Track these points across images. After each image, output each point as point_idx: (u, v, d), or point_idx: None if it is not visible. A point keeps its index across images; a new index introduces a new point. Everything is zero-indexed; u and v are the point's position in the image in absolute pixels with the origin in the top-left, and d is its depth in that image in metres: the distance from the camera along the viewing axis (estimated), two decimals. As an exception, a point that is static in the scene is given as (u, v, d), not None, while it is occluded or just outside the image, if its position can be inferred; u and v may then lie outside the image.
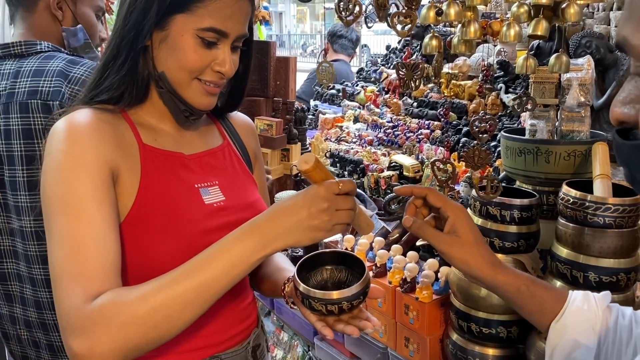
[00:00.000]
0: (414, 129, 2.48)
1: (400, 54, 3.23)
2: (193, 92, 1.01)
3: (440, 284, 1.44)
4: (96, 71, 1.02)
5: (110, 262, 0.87)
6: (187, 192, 1.02)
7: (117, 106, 1.00)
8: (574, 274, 1.15)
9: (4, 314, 1.53)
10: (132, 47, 0.96)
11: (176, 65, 0.97)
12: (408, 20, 0.90)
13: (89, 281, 0.84)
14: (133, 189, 0.96)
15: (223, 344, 1.07)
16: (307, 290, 0.97)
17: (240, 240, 0.88)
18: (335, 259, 1.09)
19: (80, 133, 0.92)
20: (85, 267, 0.84)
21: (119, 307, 0.82)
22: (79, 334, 0.81)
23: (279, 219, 0.89)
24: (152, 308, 0.82)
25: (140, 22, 0.95)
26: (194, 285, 0.84)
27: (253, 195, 1.14)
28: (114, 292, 0.84)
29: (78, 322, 0.81)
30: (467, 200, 1.60)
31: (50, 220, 0.89)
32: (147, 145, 1.01)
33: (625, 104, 0.57)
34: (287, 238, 0.88)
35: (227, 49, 0.99)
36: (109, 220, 0.89)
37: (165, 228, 0.96)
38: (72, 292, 0.83)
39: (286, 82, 2.53)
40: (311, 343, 1.99)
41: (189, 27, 0.95)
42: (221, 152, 1.13)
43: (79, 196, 0.88)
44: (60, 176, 0.89)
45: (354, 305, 0.97)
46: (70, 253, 0.85)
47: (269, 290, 1.21)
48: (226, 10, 0.96)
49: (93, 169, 0.90)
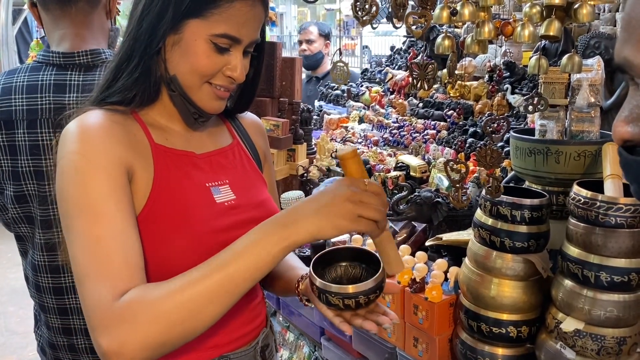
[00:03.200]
0: (420, 130, 2.48)
1: (405, 54, 3.23)
2: (203, 95, 1.01)
3: (450, 284, 1.44)
4: (108, 72, 1.02)
5: (133, 259, 0.87)
6: (198, 191, 1.02)
7: (127, 107, 1.00)
8: (585, 273, 1.15)
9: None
10: (145, 50, 0.97)
11: (188, 69, 0.98)
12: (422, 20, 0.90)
13: (114, 279, 0.84)
14: (147, 187, 0.96)
15: (232, 344, 1.07)
16: (324, 284, 0.97)
17: (264, 233, 0.87)
18: (350, 255, 1.09)
19: (93, 134, 0.92)
20: (109, 266, 0.85)
21: (147, 304, 0.82)
22: (108, 331, 0.81)
23: (301, 206, 0.89)
24: (180, 303, 0.82)
25: (155, 25, 0.95)
26: (220, 280, 0.84)
27: (263, 194, 1.14)
28: (140, 289, 0.84)
29: (106, 320, 0.81)
30: (476, 200, 1.60)
31: (69, 222, 0.89)
32: (158, 144, 1.01)
33: (630, 122, 0.56)
34: (310, 225, 0.86)
35: (239, 55, 1.00)
36: (128, 219, 0.89)
37: (178, 227, 0.97)
38: (99, 291, 0.83)
39: (292, 82, 2.53)
40: (317, 343, 1.98)
41: (202, 33, 0.95)
42: (231, 151, 1.14)
43: (98, 196, 0.88)
44: (77, 178, 0.89)
45: (371, 299, 0.98)
46: (94, 253, 0.85)
47: (282, 289, 1.21)
48: (240, 18, 0.96)
49: (109, 169, 0.90)
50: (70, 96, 1.40)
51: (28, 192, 1.41)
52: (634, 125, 0.55)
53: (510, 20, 0.98)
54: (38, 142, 1.38)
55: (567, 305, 1.19)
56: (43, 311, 1.48)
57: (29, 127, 1.38)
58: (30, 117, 1.38)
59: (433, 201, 1.64)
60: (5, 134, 1.38)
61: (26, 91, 1.39)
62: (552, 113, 1.38)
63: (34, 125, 1.38)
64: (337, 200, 0.86)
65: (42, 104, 1.39)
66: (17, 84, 1.40)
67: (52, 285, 1.45)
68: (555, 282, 1.24)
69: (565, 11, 1.07)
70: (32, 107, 1.38)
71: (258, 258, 0.86)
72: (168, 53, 0.98)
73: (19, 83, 1.40)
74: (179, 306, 0.82)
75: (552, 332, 1.23)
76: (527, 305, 1.29)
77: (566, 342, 1.18)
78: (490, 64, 2.44)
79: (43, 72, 1.41)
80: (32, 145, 1.38)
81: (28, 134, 1.38)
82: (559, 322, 1.20)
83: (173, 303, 0.82)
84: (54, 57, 1.43)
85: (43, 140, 1.38)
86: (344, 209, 0.86)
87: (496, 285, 1.29)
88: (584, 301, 1.16)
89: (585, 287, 1.16)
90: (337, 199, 0.86)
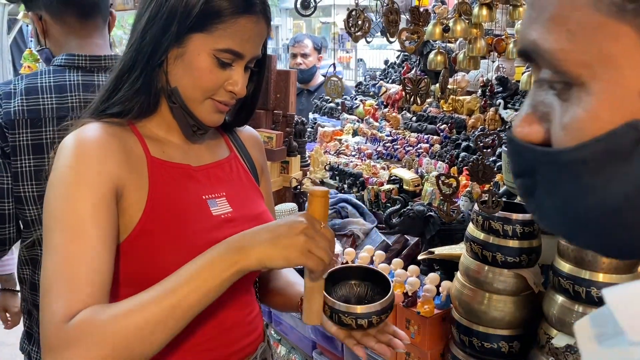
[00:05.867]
0: (413, 143, 2.49)
1: (399, 68, 3.25)
2: (204, 109, 1.01)
3: (442, 299, 1.44)
4: (109, 83, 1.02)
5: (100, 281, 0.86)
6: (195, 204, 1.02)
7: (125, 118, 1.00)
8: (576, 289, 1.15)
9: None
10: (148, 62, 0.97)
11: (191, 83, 0.98)
12: (415, 36, 0.91)
13: (72, 299, 0.83)
14: (140, 202, 0.96)
15: (230, 358, 1.06)
16: (336, 304, 0.97)
17: (215, 258, 0.87)
18: (354, 274, 1.09)
19: (87, 149, 0.92)
20: (71, 284, 0.84)
21: (93, 326, 0.81)
22: (56, 352, 0.80)
23: (255, 233, 0.90)
24: (123, 328, 0.81)
25: (160, 38, 0.95)
26: (168, 306, 0.83)
27: (260, 207, 1.14)
28: (90, 310, 0.83)
29: (55, 340, 0.81)
30: (468, 214, 1.61)
31: (47, 233, 0.89)
32: (154, 157, 1.01)
33: (532, 123, 0.46)
34: (260, 253, 0.86)
35: (241, 70, 1.00)
36: (104, 240, 0.88)
37: (174, 239, 0.96)
38: (55, 309, 0.82)
39: (286, 95, 2.54)
40: (309, 357, 1.97)
41: (206, 47, 0.96)
42: (228, 164, 1.14)
43: (78, 213, 0.88)
44: (63, 191, 0.89)
45: (382, 319, 0.98)
46: (61, 268, 0.85)
47: (282, 304, 1.21)
48: (245, 34, 0.97)
49: (96, 187, 0.90)
50: None
51: None
52: (538, 125, 0.45)
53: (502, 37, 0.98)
54: None
55: (559, 320, 1.19)
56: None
57: (58, 124, 1.39)
58: (60, 115, 1.40)
59: (425, 215, 1.64)
60: (31, 132, 1.39)
61: (55, 90, 1.42)
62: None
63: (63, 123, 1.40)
64: (292, 232, 0.87)
65: (73, 101, 1.42)
66: (44, 84, 1.43)
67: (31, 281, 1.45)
68: (547, 298, 1.24)
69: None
70: (62, 105, 1.41)
71: (207, 283, 0.85)
72: (170, 66, 0.98)
73: (45, 83, 1.43)
74: (125, 330, 0.81)
75: (543, 348, 1.22)
76: (518, 320, 1.29)
77: (557, 357, 1.18)
78: (483, 79, 2.46)
79: (69, 74, 1.45)
80: None
81: (58, 132, 1.40)
82: (551, 337, 1.20)
83: (119, 326, 0.81)
84: (79, 60, 1.47)
85: None
86: (297, 241, 0.87)
87: (488, 300, 1.29)
88: (575, 316, 1.16)
89: (576, 302, 1.16)
90: (292, 231, 0.87)
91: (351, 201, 2.04)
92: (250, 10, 0.97)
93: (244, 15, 0.96)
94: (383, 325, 1.03)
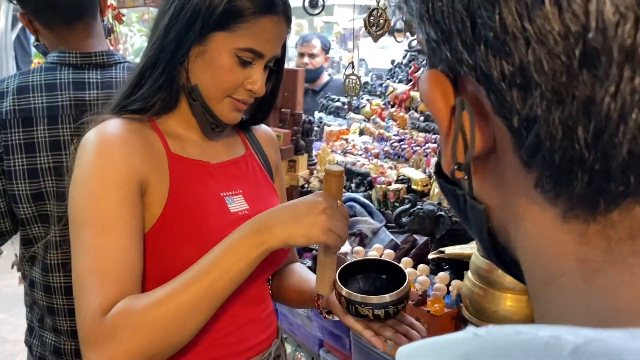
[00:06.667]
0: (421, 143, 2.49)
1: (406, 68, 3.26)
2: (223, 107, 1.02)
3: (452, 297, 1.45)
4: (131, 79, 1.03)
5: (131, 275, 0.88)
6: (213, 200, 1.03)
7: (145, 115, 1.01)
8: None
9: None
10: (171, 59, 0.97)
11: (211, 82, 0.99)
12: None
13: (107, 293, 0.84)
14: (162, 197, 0.97)
15: (245, 353, 1.07)
16: (352, 295, 0.98)
17: (241, 239, 0.89)
18: (368, 267, 1.10)
19: (110, 145, 0.93)
20: (105, 279, 0.85)
21: (130, 317, 0.82)
22: (95, 347, 0.82)
23: (276, 213, 0.92)
24: (162, 315, 0.83)
25: (183, 36, 0.96)
26: (202, 289, 0.85)
27: (275, 204, 1.15)
28: (126, 301, 0.84)
29: (94, 336, 0.82)
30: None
31: (76, 231, 0.90)
32: (174, 154, 1.02)
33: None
34: (284, 232, 0.89)
35: (261, 69, 1.01)
36: (134, 234, 0.90)
37: (193, 235, 0.97)
38: (91, 304, 0.84)
39: (294, 93, 2.55)
40: (316, 355, 1.98)
41: (228, 46, 0.97)
42: (244, 161, 1.15)
43: (107, 209, 0.89)
44: (89, 188, 0.90)
45: (399, 309, 0.99)
46: (92, 265, 0.86)
47: (297, 301, 1.22)
48: (266, 33, 0.98)
49: (122, 182, 0.91)
50: (90, 93, 1.44)
51: (46, 189, 1.42)
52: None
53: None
54: (59, 138, 1.41)
55: (570, 320, 1.19)
56: (51, 314, 1.48)
57: (49, 123, 1.41)
58: (50, 114, 1.41)
59: (436, 214, 1.64)
60: (23, 132, 1.40)
61: (45, 89, 1.42)
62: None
63: (54, 121, 1.41)
64: (313, 211, 0.90)
65: (63, 100, 1.42)
66: (35, 83, 1.43)
67: (64, 285, 1.45)
68: (559, 297, 1.24)
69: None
70: (52, 104, 1.41)
71: (237, 264, 0.87)
72: (191, 63, 0.99)
73: (36, 82, 1.43)
74: (162, 317, 0.83)
75: (554, 347, 1.23)
76: (529, 319, 1.29)
77: (569, 357, 1.19)
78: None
79: (60, 72, 1.45)
80: (52, 141, 1.41)
81: (49, 131, 1.41)
82: (562, 337, 1.20)
83: (156, 314, 0.83)
84: (70, 57, 1.46)
85: (64, 135, 1.42)
86: (318, 220, 0.90)
87: (498, 299, 1.29)
88: (588, 316, 1.16)
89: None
90: (313, 210, 0.90)
91: (359, 200, 2.05)
92: (272, 11, 0.98)
93: (266, 15, 0.97)
94: (400, 316, 1.04)
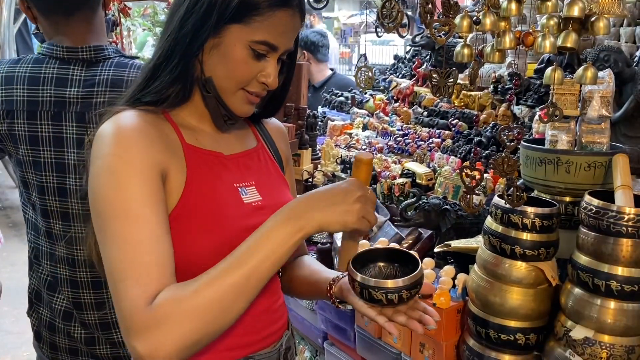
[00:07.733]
0: (425, 138, 2.50)
1: (410, 63, 3.26)
2: (237, 100, 1.03)
3: (458, 291, 1.45)
4: (146, 71, 1.03)
5: (166, 263, 0.88)
6: (227, 191, 1.04)
7: (159, 107, 1.01)
8: (595, 282, 1.16)
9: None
10: (186, 51, 0.98)
11: (225, 74, 0.99)
12: (446, 27, 0.92)
13: (148, 283, 0.85)
14: (179, 187, 0.97)
15: (257, 344, 1.08)
16: (366, 279, 0.99)
17: (278, 225, 0.91)
18: (382, 255, 1.12)
19: (129, 135, 0.93)
20: (143, 269, 0.85)
21: (178, 304, 0.83)
22: (142, 336, 0.82)
23: (312, 198, 0.94)
24: (209, 300, 0.84)
25: (199, 28, 0.96)
26: (245, 274, 0.86)
27: (286, 195, 1.16)
28: (171, 289, 0.85)
29: (140, 324, 0.82)
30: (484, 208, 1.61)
31: (103, 224, 0.89)
32: (189, 144, 1.02)
33: None
34: (320, 218, 0.91)
35: (274, 62, 1.01)
36: (162, 222, 0.90)
37: (208, 225, 0.98)
38: (133, 295, 0.84)
39: (298, 88, 2.55)
40: (320, 348, 1.99)
41: (243, 38, 0.97)
42: (256, 153, 1.15)
43: (133, 199, 0.89)
44: (113, 180, 0.90)
45: (412, 294, 0.99)
46: (128, 256, 0.86)
47: (308, 292, 1.22)
48: (281, 26, 0.98)
49: (144, 172, 0.91)
50: (71, 90, 1.43)
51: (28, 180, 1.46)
52: None
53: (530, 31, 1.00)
54: (37, 134, 1.42)
55: (577, 313, 1.20)
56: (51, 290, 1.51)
57: (28, 118, 1.41)
58: (30, 109, 1.41)
59: (441, 208, 1.65)
60: (7, 124, 1.42)
61: (27, 82, 1.43)
62: (563, 124, 1.40)
63: (33, 116, 1.41)
64: (349, 199, 0.93)
65: (43, 96, 1.42)
66: (19, 75, 1.44)
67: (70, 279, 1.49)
68: (565, 290, 1.25)
69: (582, 24, 1.09)
70: (32, 99, 1.42)
71: (278, 250, 0.89)
72: (206, 55, 0.99)
73: (20, 74, 1.44)
74: (210, 302, 0.84)
75: (560, 340, 1.24)
76: (535, 312, 1.30)
77: (575, 349, 1.20)
78: (495, 75, 2.47)
79: (46, 65, 1.45)
80: (31, 136, 1.42)
81: (28, 125, 1.42)
82: (568, 329, 1.21)
83: (203, 300, 0.84)
84: (57, 51, 1.45)
85: (42, 132, 1.42)
86: (354, 208, 0.93)
87: (505, 292, 1.30)
88: (594, 309, 1.17)
89: (595, 295, 1.17)
90: (348, 198, 0.93)
91: (364, 194, 2.05)
92: (287, 4, 0.98)
93: (281, 8, 0.97)
94: (413, 302, 1.04)
